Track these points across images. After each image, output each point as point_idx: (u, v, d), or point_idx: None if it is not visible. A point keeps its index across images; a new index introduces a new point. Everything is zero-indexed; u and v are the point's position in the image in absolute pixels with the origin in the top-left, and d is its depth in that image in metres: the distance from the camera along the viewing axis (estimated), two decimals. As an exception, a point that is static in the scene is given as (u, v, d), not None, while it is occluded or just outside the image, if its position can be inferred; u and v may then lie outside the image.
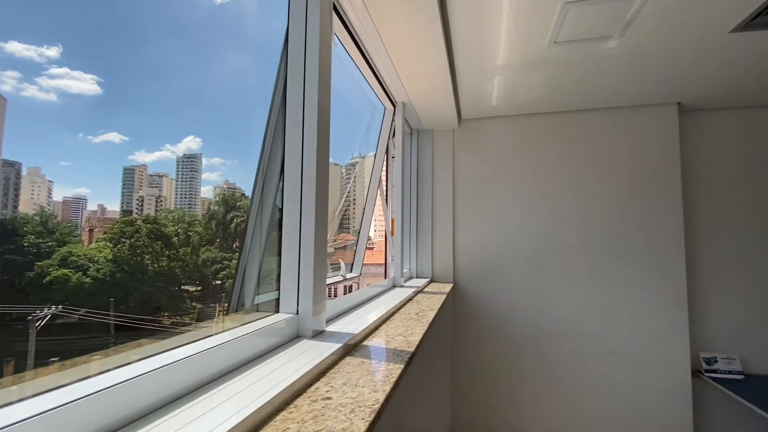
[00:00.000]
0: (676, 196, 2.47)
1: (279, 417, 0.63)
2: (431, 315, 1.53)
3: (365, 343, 1.13)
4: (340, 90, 2.22)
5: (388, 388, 0.76)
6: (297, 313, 1.06)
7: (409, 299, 1.94)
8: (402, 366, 0.90)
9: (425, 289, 2.36)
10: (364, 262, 2.56)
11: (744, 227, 2.50)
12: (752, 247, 2.48)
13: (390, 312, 1.55)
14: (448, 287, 2.49)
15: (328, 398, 0.71)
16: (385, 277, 2.34)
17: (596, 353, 2.50)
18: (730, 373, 2.35)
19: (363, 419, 0.63)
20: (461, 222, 2.84)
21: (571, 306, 2.58)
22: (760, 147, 2.52)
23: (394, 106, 2.31)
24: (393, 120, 2.33)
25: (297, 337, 1.04)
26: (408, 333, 1.25)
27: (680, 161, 2.49)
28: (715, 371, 2.36)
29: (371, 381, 0.80)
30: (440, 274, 2.83)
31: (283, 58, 1.18)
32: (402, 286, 2.25)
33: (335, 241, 2.60)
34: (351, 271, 2.31)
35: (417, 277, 2.80)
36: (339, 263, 2.07)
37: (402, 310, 1.67)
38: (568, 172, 2.66)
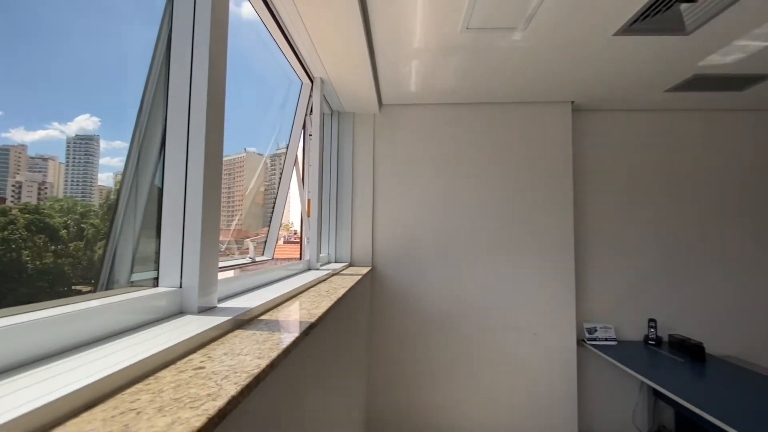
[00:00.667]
0: (567, 187, 2.76)
1: (131, 390, 0.53)
2: (342, 292, 1.50)
3: (263, 317, 1.05)
4: (254, 63, 2.06)
5: (275, 354, 0.70)
6: (180, 287, 0.94)
7: (323, 280, 1.88)
8: (297, 334, 0.84)
9: (342, 272, 2.32)
10: (290, 257, 2.44)
11: (620, 215, 2.88)
12: (624, 232, 2.87)
13: (299, 290, 1.48)
14: (365, 270, 2.48)
15: (200, 368, 0.63)
16: (300, 259, 2.25)
17: (499, 328, 2.71)
18: (606, 340, 2.71)
19: (236, 384, 0.56)
20: (381, 206, 2.85)
21: (478, 286, 2.75)
22: (636, 147, 2.92)
23: (311, 81, 2.21)
24: (311, 96, 2.23)
25: (180, 313, 0.92)
26: (313, 308, 1.19)
27: (572, 156, 2.79)
28: (595, 339, 2.70)
29: (258, 349, 0.73)
30: (359, 258, 2.82)
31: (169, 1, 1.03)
32: (318, 269, 2.18)
33: (258, 235, 2.45)
34: (263, 255, 2.18)
35: (336, 262, 2.75)
36: (247, 245, 1.93)
37: (312, 288, 1.61)
38: (478, 162, 2.82)
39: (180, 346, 0.68)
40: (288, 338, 0.81)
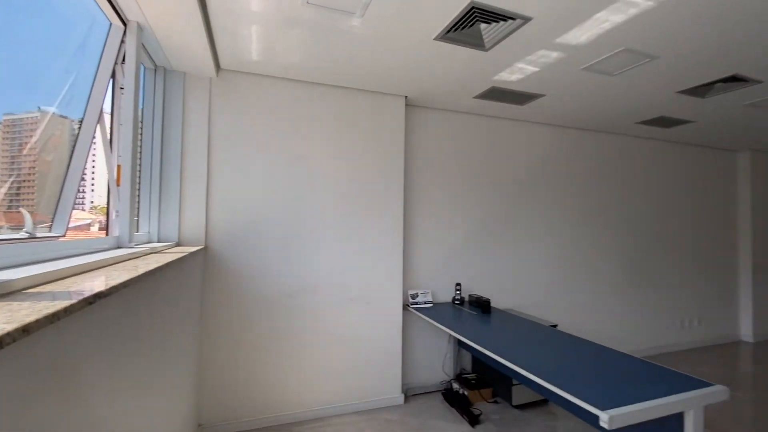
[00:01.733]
0: (399, 174, 3.10)
1: None
2: (154, 266, 1.34)
3: (31, 291, 0.85)
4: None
5: (31, 319, 0.59)
6: None
7: (135, 257, 1.64)
8: (73, 302, 0.72)
9: (164, 251, 2.06)
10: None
11: (440, 201, 3.41)
12: (443, 215, 3.41)
13: (96, 266, 1.25)
14: (193, 249, 2.27)
15: None
16: (107, 236, 1.89)
17: (339, 301, 2.88)
18: (425, 303, 3.19)
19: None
20: (217, 181, 2.63)
21: (321, 264, 2.85)
22: (455, 143, 3.47)
23: (124, 24, 1.86)
24: (123, 42, 1.87)
25: None
26: (110, 281, 1.03)
27: (404, 147, 3.14)
28: (416, 303, 3.15)
29: (7, 318, 0.60)
30: (190, 237, 2.55)
31: None
32: (131, 248, 1.88)
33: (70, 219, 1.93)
34: (52, 230, 1.75)
35: (160, 242, 2.42)
36: (23, 216, 1.52)
37: (118, 264, 1.38)
38: (321, 143, 2.89)
39: None
40: (59, 305, 0.69)
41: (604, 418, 1.34)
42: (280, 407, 2.71)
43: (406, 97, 3.12)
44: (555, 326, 3.00)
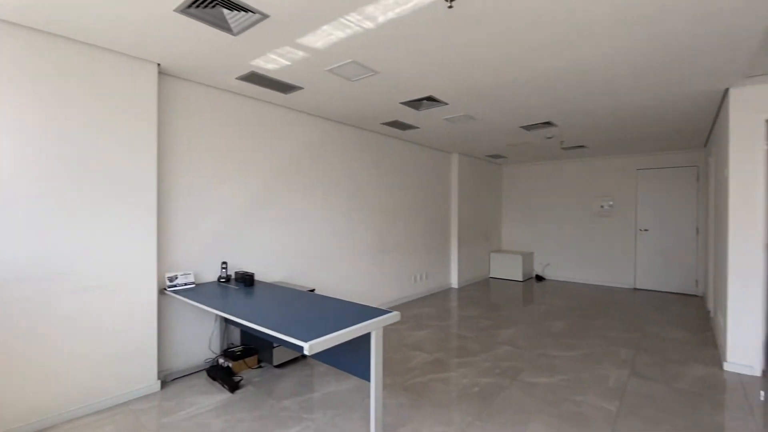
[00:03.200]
0: (151, 145, 2.86)
1: None
2: None
3: None
4: None
5: None
6: None
7: None
8: None
9: None
10: None
11: (203, 179, 3.34)
12: (206, 194, 3.37)
13: None
14: None
15: None
16: None
17: (70, 290, 2.46)
18: (186, 285, 3.10)
19: None
20: None
21: (39, 247, 2.36)
22: (220, 121, 3.44)
23: None
24: None
25: None
26: None
27: (157, 114, 2.91)
28: (175, 286, 3.04)
29: None
30: None
31: None
32: None
33: None
34: None
35: None
36: None
37: None
38: (34, 101, 2.36)
39: None
40: None
41: (306, 347, 1.75)
42: (-28, 433, 2.15)
43: (158, 64, 2.89)
44: (313, 290, 3.48)
